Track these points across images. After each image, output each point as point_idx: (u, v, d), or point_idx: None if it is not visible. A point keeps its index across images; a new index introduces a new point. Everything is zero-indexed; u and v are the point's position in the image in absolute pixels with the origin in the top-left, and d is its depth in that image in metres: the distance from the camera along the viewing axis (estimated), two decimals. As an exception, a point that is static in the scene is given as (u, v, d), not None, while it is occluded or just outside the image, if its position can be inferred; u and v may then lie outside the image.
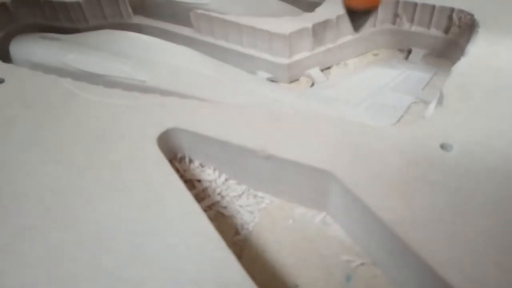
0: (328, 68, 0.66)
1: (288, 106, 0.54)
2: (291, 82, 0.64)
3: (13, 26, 0.74)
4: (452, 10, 0.61)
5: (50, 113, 0.49)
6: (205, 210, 0.41)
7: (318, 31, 0.61)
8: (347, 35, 0.65)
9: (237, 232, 0.46)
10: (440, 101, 0.49)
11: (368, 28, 0.66)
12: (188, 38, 0.68)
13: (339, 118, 0.53)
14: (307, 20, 0.60)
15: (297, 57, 0.62)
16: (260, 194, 0.49)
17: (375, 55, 0.68)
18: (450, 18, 0.61)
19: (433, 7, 0.62)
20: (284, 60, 0.61)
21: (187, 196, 0.40)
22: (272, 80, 0.64)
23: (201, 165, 0.51)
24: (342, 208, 0.43)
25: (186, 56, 0.62)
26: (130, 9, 0.69)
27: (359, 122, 0.48)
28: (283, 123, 0.47)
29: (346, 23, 0.63)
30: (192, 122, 0.47)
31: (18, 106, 0.51)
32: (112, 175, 0.42)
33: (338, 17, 0.61)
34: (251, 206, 0.48)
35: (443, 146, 0.42)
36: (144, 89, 0.56)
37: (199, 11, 0.63)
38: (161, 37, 0.69)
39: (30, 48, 0.66)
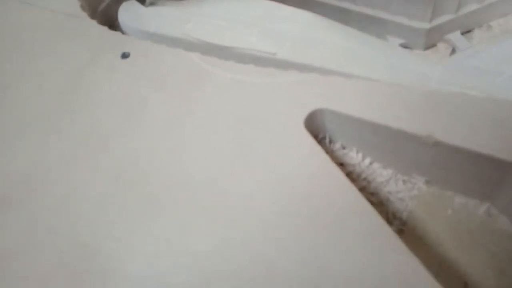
0: (469, 31, 0.58)
1: (438, 82, 0.48)
2: (427, 48, 0.57)
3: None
4: None
5: (185, 95, 0.47)
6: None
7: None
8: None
9: (389, 222, 0.43)
10: None
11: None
12: None
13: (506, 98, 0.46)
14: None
15: (439, 20, 0.54)
16: (410, 179, 0.45)
17: (523, 14, 0.59)
18: None
19: None
20: (424, 24, 0.54)
21: (351, 189, 0.37)
22: (405, 47, 0.57)
23: (343, 147, 0.47)
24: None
25: (311, 22, 0.56)
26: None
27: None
28: (443, 103, 0.42)
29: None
30: (341, 103, 0.43)
31: (148, 86, 0.48)
32: (266, 165, 0.40)
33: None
34: (401, 193, 0.45)
35: None
36: (277, 63, 0.52)
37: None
38: None
39: (142, 16, 0.63)
